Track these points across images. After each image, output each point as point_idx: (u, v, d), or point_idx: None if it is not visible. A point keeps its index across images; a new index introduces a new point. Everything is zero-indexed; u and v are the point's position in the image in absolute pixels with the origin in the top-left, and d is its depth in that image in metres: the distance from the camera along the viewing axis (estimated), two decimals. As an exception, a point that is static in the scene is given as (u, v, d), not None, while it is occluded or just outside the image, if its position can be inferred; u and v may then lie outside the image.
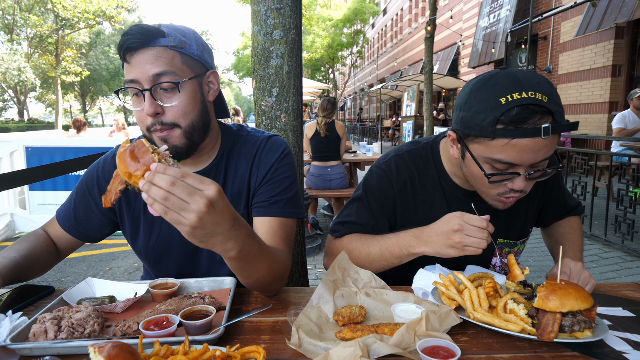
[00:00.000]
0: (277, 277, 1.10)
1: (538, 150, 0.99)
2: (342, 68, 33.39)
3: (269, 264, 1.03)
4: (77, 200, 1.29)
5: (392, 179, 1.28)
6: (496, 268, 1.39)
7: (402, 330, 0.85)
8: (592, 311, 0.91)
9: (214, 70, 1.18)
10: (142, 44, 1.04)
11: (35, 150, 5.19)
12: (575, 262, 1.14)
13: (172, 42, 1.06)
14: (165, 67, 1.05)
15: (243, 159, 1.24)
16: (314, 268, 4.09)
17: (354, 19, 26.27)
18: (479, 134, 1.02)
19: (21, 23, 27.86)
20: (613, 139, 6.23)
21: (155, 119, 1.07)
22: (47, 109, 48.62)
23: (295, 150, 2.39)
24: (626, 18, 8.20)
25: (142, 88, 1.05)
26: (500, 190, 1.10)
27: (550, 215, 1.46)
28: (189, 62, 1.10)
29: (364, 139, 21.31)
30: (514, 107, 0.97)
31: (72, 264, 4.29)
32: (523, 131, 0.96)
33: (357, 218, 1.30)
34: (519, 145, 0.98)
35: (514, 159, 1.00)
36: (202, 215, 0.78)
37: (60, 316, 0.92)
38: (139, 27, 1.04)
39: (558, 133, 0.98)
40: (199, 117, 1.12)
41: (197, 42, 1.13)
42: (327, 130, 5.15)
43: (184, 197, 0.78)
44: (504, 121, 0.98)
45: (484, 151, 1.04)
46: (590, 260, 4.20)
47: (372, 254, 1.22)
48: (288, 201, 1.21)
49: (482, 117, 1.00)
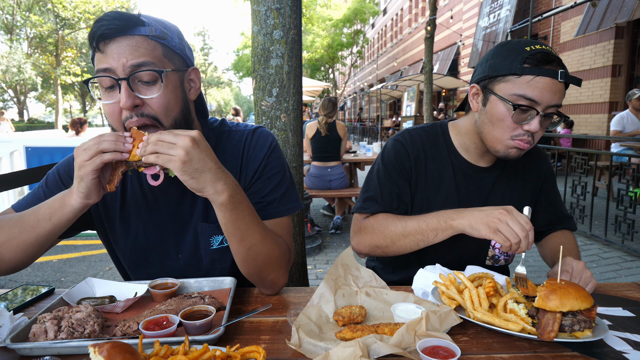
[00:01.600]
0: (274, 257, 1.10)
1: (555, 91, 1.14)
2: (342, 68, 33.40)
3: (262, 234, 1.07)
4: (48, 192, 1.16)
5: (407, 147, 1.37)
6: (495, 250, 1.40)
7: (402, 330, 0.85)
8: (592, 311, 0.91)
9: (195, 68, 1.11)
10: (120, 31, 0.94)
11: (35, 150, 5.19)
12: (577, 262, 1.15)
13: (153, 31, 0.97)
14: (146, 57, 0.96)
15: (229, 157, 1.18)
16: (314, 268, 4.09)
17: (354, 19, 26.27)
18: (507, 72, 1.17)
19: (21, 23, 27.86)
20: (611, 140, 6.23)
21: (132, 112, 0.98)
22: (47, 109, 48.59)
23: (295, 150, 2.39)
24: (626, 18, 8.20)
25: (117, 77, 0.95)
26: (516, 132, 1.19)
27: (544, 218, 1.46)
28: (171, 55, 1.02)
29: (364, 139, 21.32)
30: (538, 52, 1.14)
31: (72, 264, 4.29)
32: (546, 71, 1.13)
33: (380, 189, 1.37)
34: (541, 82, 1.13)
35: (536, 96, 1.14)
36: (188, 150, 0.89)
37: (60, 316, 0.92)
38: (116, 12, 0.95)
39: (568, 82, 1.15)
40: (181, 116, 1.04)
41: (178, 36, 1.05)
42: (328, 130, 5.14)
43: (171, 139, 0.91)
44: (530, 61, 1.14)
45: (510, 89, 1.17)
46: (590, 260, 4.20)
47: (409, 227, 1.26)
48: (281, 199, 1.19)
49: (511, 59, 1.17)
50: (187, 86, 1.09)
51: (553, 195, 1.47)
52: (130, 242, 1.21)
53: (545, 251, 1.47)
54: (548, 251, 1.45)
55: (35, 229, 1.01)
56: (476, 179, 1.38)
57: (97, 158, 0.93)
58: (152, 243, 1.21)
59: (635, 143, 5.85)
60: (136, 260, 1.24)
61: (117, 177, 0.98)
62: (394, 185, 1.36)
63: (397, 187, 1.36)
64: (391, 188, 1.36)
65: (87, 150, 0.93)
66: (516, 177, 1.41)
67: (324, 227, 5.53)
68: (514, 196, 1.40)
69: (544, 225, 1.47)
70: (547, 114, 1.17)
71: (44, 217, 1.01)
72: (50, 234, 1.03)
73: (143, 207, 1.19)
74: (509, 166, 1.40)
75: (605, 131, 9.23)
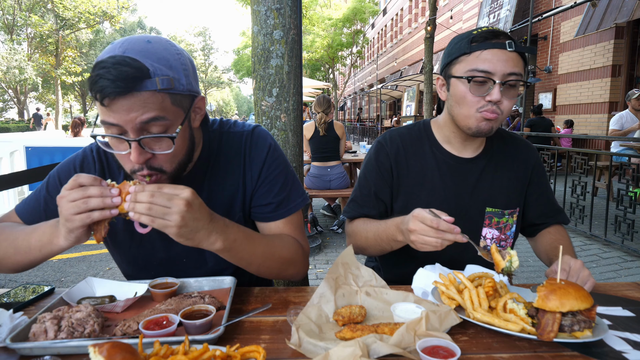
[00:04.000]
0: (286, 260, 1.16)
1: (506, 60, 1.20)
2: (342, 68, 33.37)
3: (264, 247, 1.11)
4: (49, 198, 1.17)
5: (386, 147, 1.42)
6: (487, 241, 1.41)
7: (402, 330, 0.85)
8: (592, 311, 0.91)
9: (202, 97, 1.06)
10: (124, 91, 0.86)
11: (35, 150, 5.20)
12: (575, 260, 1.15)
13: (160, 84, 0.89)
14: (155, 112, 0.91)
15: (232, 158, 1.18)
16: (314, 268, 4.09)
17: (354, 18, 26.26)
18: (458, 54, 1.25)
19: (22, 23, 27.85)
20: (609, 139, 6.24)
21: (141, 164, 0.97)
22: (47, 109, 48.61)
23: (295, 150, 2.39)
24: (626, 18, 8.20)
25: (128, 137, 0.92)
26: (479, 105, 1.24)
27: (536, 210, 1.46)
28: (179, 100, 0.96)
29: (364, 139, 21.31)
30: (484, 31, 1.23)
31: (72, 264, 4.29)
32: (492, 44, 1.20)
33: (360, 191, 1.45)
34: (490, 54, 1.20)
35: (488, 67, 1.20)
36: (183, 215, 0.89)
37: (60, 316, 0.91)
38: (118, 70, 0.85)
39: (519, 51, 1.21)
40: (185, 157, 1.04)
41: (184, 72, 0.97)
42: (326, 130, 5.12)
43: (165, 204, 0.88)
44: (476, 39, 1.23)
45: (464, 67, 1.24)
46: (590, 260, 4.20)
47: (370, 239, 1.33)
48: (290, 197, 1.22)
49: (460, 43, 1.26)
50: (193, 117, 1.05)
51: (544, 187, 1.47)
52: (135, 246, 1.21)
53: (540, 247, 1.47)
54: (543, 247, 1.45)
55: (27, 254, 1.06)
56: (461, 170, 1.39)
57: (86, 217, 0.91)
58: (158, 248, 1.21)
59: (635, 143, 5.85)
60: (141, 264, 1.24)
61: (104, 228, 0.96)
62: (371, 185, 1.42)
63: (375, 186, 1.41)
64: (369, 188, 1.42)
65: (74, 205, 0.90)
66: (504, 168, 1.41)
67: (323, 227, 5.53)
68: (502, 187, 1.40)
69: (537, 217, 1.47)
70: (507, 83, 1.21)
71: (35, 247, 1.04)
72: (43, 260, 1.07)
73: None
74: (495, 157, 1.41)
75: (605, 131, 9.23)
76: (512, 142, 1.46)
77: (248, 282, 1.37)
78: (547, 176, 1.53)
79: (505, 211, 1.40)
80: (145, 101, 0.90)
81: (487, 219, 1.40)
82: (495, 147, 1.42)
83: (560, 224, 1.49)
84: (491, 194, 1.39)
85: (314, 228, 4.95)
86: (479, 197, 1.38)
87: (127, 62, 0.86)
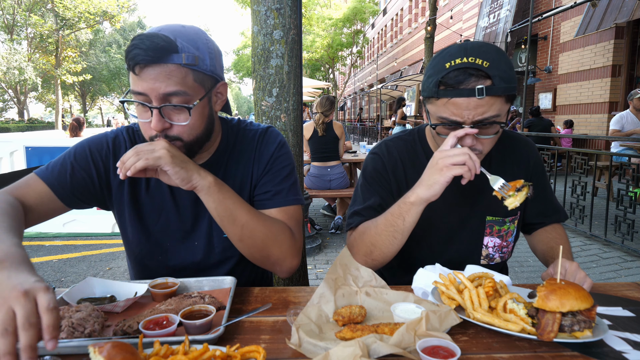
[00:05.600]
0: (271, 234, 1.16)
1: (475, 108, 1.10)
2: (342, 68, 33.38)
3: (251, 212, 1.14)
4: (76, 165, 1.19)
5: (384, 159, 1.38)
6: (489, 249, 1.39)
7: (402, 330, 0.85)
8: (592, 311, 0.91)
9: (224, 82, 1.17)
10: (153, 60, 0.99)
11: (35, 150, 5.19)
12: (571, 262, 1.14)
13: (185, 59, 1.01)
14: (177, 86, 1.02)
15: (245, 151, 1.28)
16: (314, 268, 4.09)
17: (354, 18, 26.26)
18: (428, 95, 1.17)
19: (22, 23, 27.84)
20: (610, 139, 6.23)
21: (160, 132, 1.06)
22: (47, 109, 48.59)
23: (295, 150, 2.39)
24: (626, 18, 8.20)
25: (151, 104, 1.03)
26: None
27: (535, 209, 1.45)
28: (201, 78, 1.07)
29: (364, 139, 21.31)
30: (454, 69, 1.10)
31: (72, 264, 4.29)
32: (459, 91, 1.09)
33: (364, 202, 1.37)
34: (456, 103, 1.11)
35: (455, 116, 1.13)
36: (168, 148, 1.02)
37: (61, 316, 0.91)
38: (151, 41, 0.98)
39: (494, 95, 1.09)
40: (203, 132, 1.13)
41: (210, 55, 1.08)
42: (325, 130, 5.11)
43: (148, 147, 1.01)
44: (444, 83, 1.12)
45: (434, 111, 1.18)
46: (590, 260, 4.20)
47: (379, 223, 1.24)
48: (289, 190, 1.26)
49: (430, 80, 1.15)
50: (214, 99, 1.16)
51: (543, 185, 1.45)
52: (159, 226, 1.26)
53: (537, 246, 1.46)
54: (539, 246, 1.44)
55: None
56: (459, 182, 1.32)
57: None
58: (174, 230, 1.26)
59: (635, 143, 5.85)
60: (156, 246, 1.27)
61: None
62: (377, 196, 1.36)
63: (380, 197, 1.36)
64: (374, 199, 1.36)
65: None
66: (504, 170, 1.37)
67: (324, 227, 5.53)
68: None
69: (535, 216, 1.46)
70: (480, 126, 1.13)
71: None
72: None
73: (168, 195, 1.25)
74: (494, 164, 1.38)
75: (605, 131, 9.23)
76: (510, 144, 1.42)
77: (248, 282, 1.37)
78: (547, 174, 1.51)
79: (506, 219, 1.38)
80: (170, 73, 1.01)
81: (488, 228, 1.38)
82: (494, 153, 1.37)
83: (558, 222, 1.48)
84: (492, 202, 1.34)
85: (313, 228, 4.95)
86: (479, 207, 1.35)
87: (160, 36, 0.99)
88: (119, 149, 1.24)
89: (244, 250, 1.18)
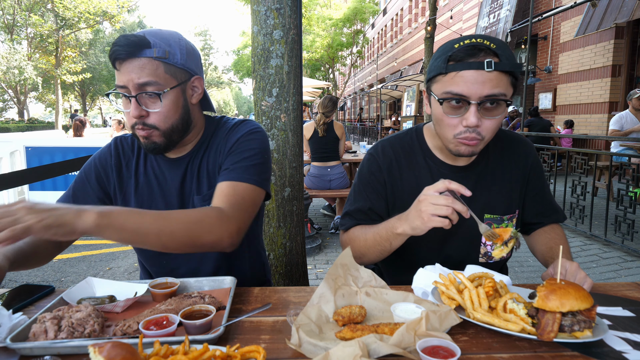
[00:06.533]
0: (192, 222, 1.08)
1: (483, 82, 1.11)
2: (342, 68, 33.36)
3: (155, 214, 1.05)
4: (76, 188, 1.34)
5: (378, 160, 1.39)
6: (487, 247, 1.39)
7: (402, 330, 0.85)
8: (592, 311, 0.91)
9: (198, 77, 1.26)
10: (129, 54, 1.12)
11: (35, 150, 5.19)
12: (571, 262, 1.14)
13: (156, 53, 1.14)
14: (149, 77, 1.14)
15: (220, 141, 1.33)
16: (314, 268, 4.09)
17: (354, 18, 26.25)
18: (436, 73, 1.18)
19: (22, 23, 27.83)
20: (609, 139, 6.23)
21: (138, 120, 1.18)
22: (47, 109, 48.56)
23: (295, 150, 2.39)
24: (626, 18, 8.20)
25: (130, 94, 1.15)
26: (456, 130, 1.19)
27: (534, 209, 1.45)
28: (172, 70, 1.18)
29: (364, 139, 21.31)
30: (464, 47, 1.13)
31: (72, 264, 4.29)
32: (469, 64, 1.11)
33: (355, 205, 1.41)
34: (465, 76, 1.12)
35: (463, 90, 1.13)
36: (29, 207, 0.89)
37: (61, 316, 0.92)
38: (126, 38, 1.12)
39: (502, 70, 1.11)
40: (179, 121, 1.22)
41: (181, 51, 1.19)
42: (325, 131, 5.11)
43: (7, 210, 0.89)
44: (453, 58, 1.14)
45: (440, 88, 1.18)
46: (590, 260, 4.20)
47: (369, 240, 1.30)
48: (247, 169, 1.23)
49: (439, 59, 1.18)
50: (189, 93, 1.25)
51: (541, 185, 1.45)
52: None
53: (536, 246, 1.46)
54: (538, 246, 1.44)
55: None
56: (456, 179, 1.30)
57: None
58: None
59: (635, 143, 5.85)
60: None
61: None
62: (366, 200, 1.38)
63: (370, 201, 1.38)
64: (364, 203, 1.38)
65: None
66: (502, 172, 1.38)
67: (324, 227, 5.53)
68: (500, 192, 1.38)
69: (534, 215, 1.45)
70: (485, 106, 1.14)
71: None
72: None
73: (156, 186, 1.33)
74: (492, 162, 1.38)
75: (605, 131, 9.23)
76: (508, 143, 1.42)
77: (248, 282, 1.37)
78: (545, 174, 1.51)
79: (505, 217, 1.38)
80: (143, 65, 1.13)
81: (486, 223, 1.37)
82: (492, 151, 1.38)
83: (557, 222, 1.48)
84: (489, 200, 1.36)
85: (313, 228, 4.95)
86: (477, 204, 1.35)
87: (135, 35, 1.13)
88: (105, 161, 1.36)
89: (177, 251, 1.10)
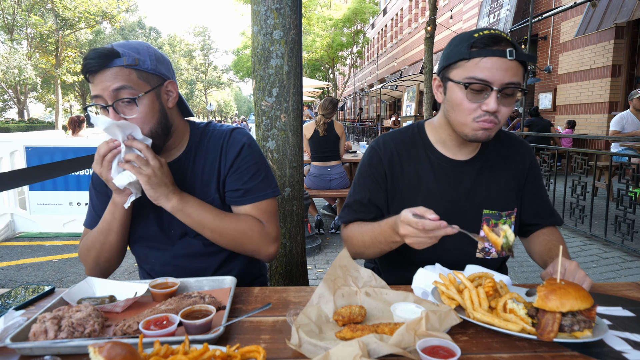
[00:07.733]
0: (239, 231, 1.29)
1: (505, 69, 1.18)
2: (342, 68, 33.36)
3: (215, 216, 1.27)
4: (94, 202, 1.42)
5: (380, 152, 1.42)
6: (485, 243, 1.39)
7: (402, 330, 0.85)
8: (592, 311, 0.91)
9: (171, 80, 1.30)
10: (101, 65, 1.16)
11: (35, 150, 5.19)
12: (570, 262, 1.14)
13: (126, 61, 1.18)
14: (123, 82, 1.17)
15: (212, 150, 1.37)
16: (314, 268, 4.09)
17: (354, 19, 26.24)
18: (458, 59, 1.22)
19: (22, 23, 27.82)
20: (611, 139, 6.23)
21: None
22: (47, 109, 48.56)
23: (295, 150, 2.39)
24: (626, 18, 8.20)
25: (106, 104, 1.18)
26: (476, 114, 1.23)
27: (531, 211, 1.45)
28: (144, 76, 1.22)
29: (364, 139, 21.30)
30: (486, 35, 1.20)
31: (72, 264, 4.29)
32: (492, 51, 1.18)
33: (354, 197, 1.45)
34: (489, 63, 1.18)
35: (487, 76, 1.18)
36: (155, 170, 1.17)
37: (61, 316, 0.92)
38: (96, 51, 1.17)
39: (520, 59, 1.19)
40: (157, 125, 1.25)
41: (150, 57, 1.23)
42: (326, 131, 5.13)
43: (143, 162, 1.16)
44: (476, 45, 1.19)
45: (462, 73, 1.22)
46: (590, 260, 4.20)
47: (367, 241, 1.33)
48: (258, 186, 1.35)
49: (460, 46, 1.22)
50: (164, 97, 1.28)
51: (538, 187, 1.47)
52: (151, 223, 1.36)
53: (534, 248, 1.46)
54: (536, 249, 1.44)
55: (110, 231, 1.29)
56: (457, 173, 1.38)
57: None
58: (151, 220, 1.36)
59: (635, 143, 5.84)
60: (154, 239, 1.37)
61: None
62: (366, 191, 1.42)
63: (369, 192, 1.41)
64: (363, 194, 1.42)
65: None
66: (500, 169, 1.40)
67: (324, 227, 5.52)
68: (499, 188, 1.39)
69: (531, 217, 1.46)
70: (504, 92, 1.20)
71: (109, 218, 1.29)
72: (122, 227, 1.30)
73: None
74: (491, 158, 1.40)
75: (605, 131, 9.23)
76: (508, 142, 1.44)
77: (248, 282, 1.37)
78: (542, 176, 1.52)
79: (503, 213, 1.39)
80: (116, 73, 1.17)
81: (484, 222, 1.38)
82: (491, 148, 1.41)
83: (554, 225, 1.49)
84: (488, 196, 1.38)
85: (314, 229, 4.95)
86: (475, 199, 1.37)
87: (104, 47, 1.18)
88: None
89: (222, 246, 1.32)
